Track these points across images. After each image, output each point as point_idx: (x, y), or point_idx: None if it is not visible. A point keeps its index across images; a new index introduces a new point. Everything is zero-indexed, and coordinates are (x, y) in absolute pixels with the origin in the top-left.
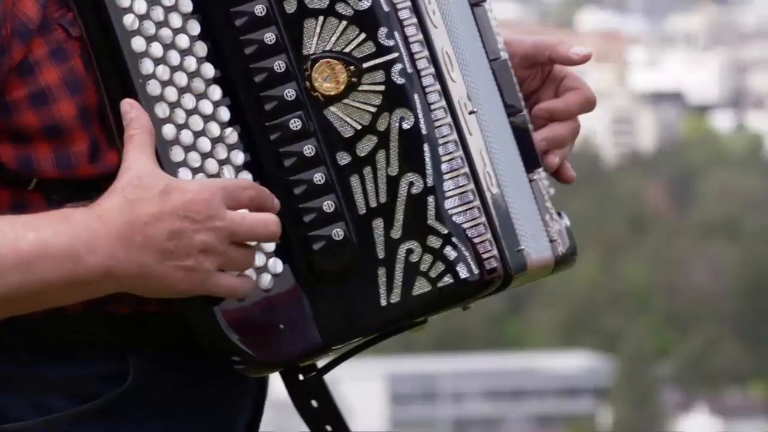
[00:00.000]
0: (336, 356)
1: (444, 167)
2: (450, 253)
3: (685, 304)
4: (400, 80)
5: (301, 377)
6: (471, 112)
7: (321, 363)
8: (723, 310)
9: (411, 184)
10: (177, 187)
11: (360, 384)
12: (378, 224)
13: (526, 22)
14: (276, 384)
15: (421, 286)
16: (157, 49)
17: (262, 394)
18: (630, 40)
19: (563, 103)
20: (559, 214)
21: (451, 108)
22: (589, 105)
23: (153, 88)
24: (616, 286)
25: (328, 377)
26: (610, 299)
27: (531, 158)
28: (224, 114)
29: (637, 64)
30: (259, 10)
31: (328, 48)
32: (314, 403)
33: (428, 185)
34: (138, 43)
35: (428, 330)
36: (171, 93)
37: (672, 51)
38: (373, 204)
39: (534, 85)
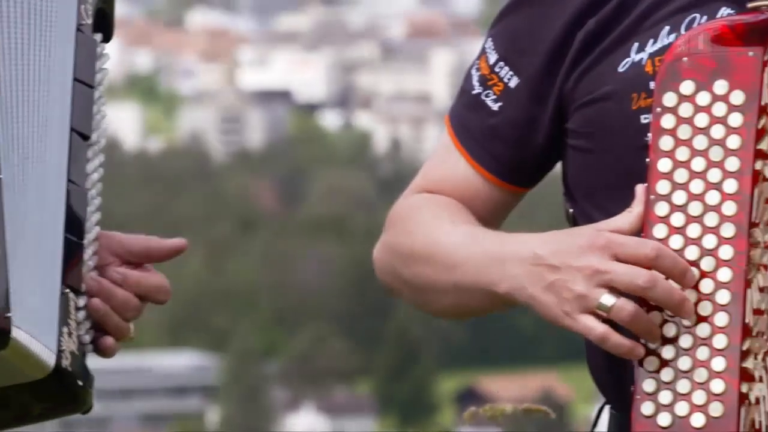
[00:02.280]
0: None
1: None
2: None
3: (293, 303)
4: None
5: None
6: None
7: None
8: (330, 309)
9: None
10: None
11: None
12: None
13: (135, 20)
14: None
15: None
16: None
17: None
18: (239, 40)
19: (138, 274)
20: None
21: None
22: (163, 295)
23: None
24: (225, 285)
25: None
26: (218, 298)
27: (74, 277)
28: None
29: (246, 63)
30: None
31: None
32: None
33: None
34: None
35: None
36: None
37: (281, 50)
38: None
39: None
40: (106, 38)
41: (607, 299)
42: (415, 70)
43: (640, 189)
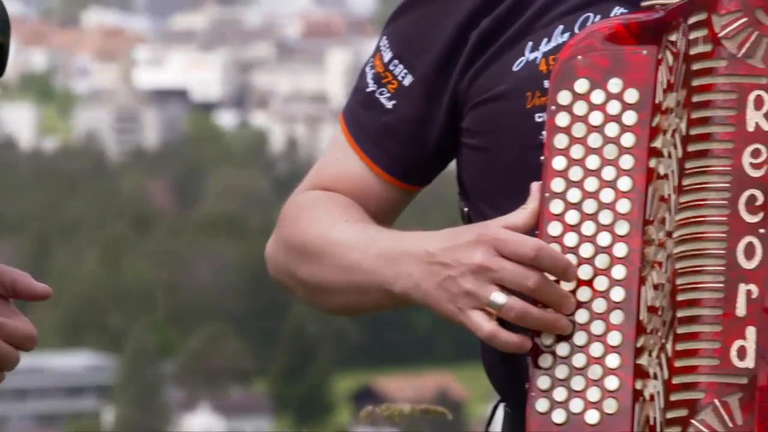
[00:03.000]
0: None
1: None
2: None
3: (189, 302)
4: None
5: None
6: None
7: None
8: (226, 308)
9: None
10: None
11: None
12: None
13: (29, 19)
14: None
15: None
16: None
17: None
18: (135, 39)
19: (11, 325)
20: None
21: None
22: (30, 343)
23: None
24: (120, 284)
25: None
26: (113, 298)
27: None
28: None
29: (142, 62)
30: None
31: None
32: None
33: None
34: None
35: None
36: None
37: (177, 49)
38: None
39: None
40: (1, 72)
41: (497, 297)
42: (311, 69)
43: (534, 186)
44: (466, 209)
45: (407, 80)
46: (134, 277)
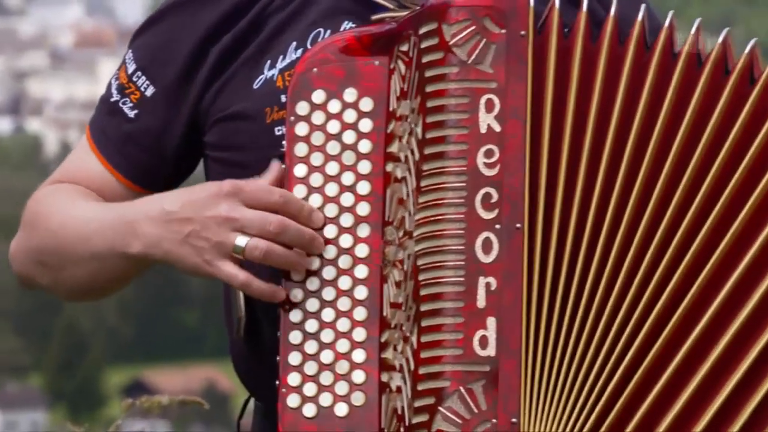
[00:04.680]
0: None
1: None
2: None
3: None
4: None
5: None
6: None
7: None
8: (2, 306)
9: None
10: None
11: None
12: None
13: None
14: None
15: None
16: None
17: None
18: None
19: None
20: None
21: None
22: None
23: None
24: None
25: None
26: None
27: None
28: None
29: None
30: None
31: None
32: None
33: None
34: None
35: None
36: None
37: None
38: None
39: None
40: None
41: (240, 240)
42: (83, 78)
43: (275, 164)
44: None
45: (149, 91)
46: None
